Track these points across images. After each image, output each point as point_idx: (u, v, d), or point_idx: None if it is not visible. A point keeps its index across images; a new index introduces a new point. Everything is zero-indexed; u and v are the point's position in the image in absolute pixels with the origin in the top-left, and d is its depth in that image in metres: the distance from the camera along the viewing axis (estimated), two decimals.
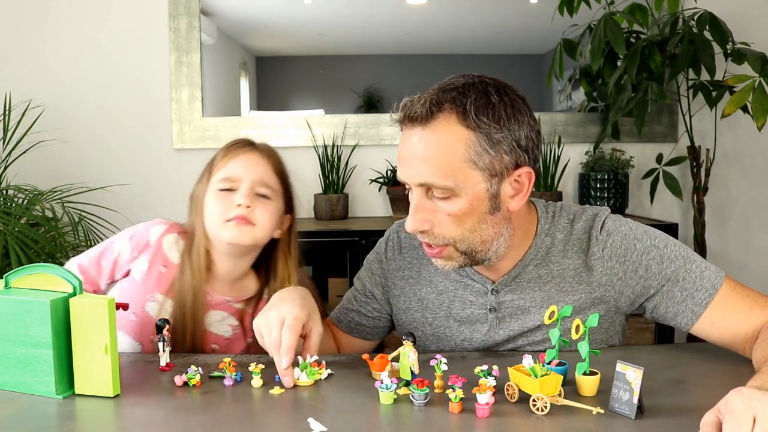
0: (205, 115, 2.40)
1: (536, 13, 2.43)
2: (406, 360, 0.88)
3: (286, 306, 0.96)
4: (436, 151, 0.93)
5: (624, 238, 1.03)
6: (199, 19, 2.37)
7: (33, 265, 0.90)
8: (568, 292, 1.04)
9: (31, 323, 0.86)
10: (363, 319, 1.20)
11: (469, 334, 1.08)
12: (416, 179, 0.95)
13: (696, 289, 1.00)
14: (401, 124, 0.98)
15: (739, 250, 2.48)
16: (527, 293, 1.05)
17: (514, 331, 1.06)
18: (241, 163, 1.17)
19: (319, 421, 0.76)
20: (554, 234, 1.06)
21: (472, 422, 0.78)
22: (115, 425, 0.81)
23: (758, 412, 0.64)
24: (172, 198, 2.40)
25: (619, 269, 1.03)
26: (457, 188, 0.94)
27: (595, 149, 2.32)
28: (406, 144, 0.97)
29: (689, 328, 1.02)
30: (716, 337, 1.01)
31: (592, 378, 0.85)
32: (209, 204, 1.15)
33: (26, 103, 2.25)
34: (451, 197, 0.95)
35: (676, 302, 1.01)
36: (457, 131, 0.93)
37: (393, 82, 2.47)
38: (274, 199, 1.17)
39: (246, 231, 1.12)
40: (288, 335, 0.92)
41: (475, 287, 1.08)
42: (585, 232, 1.05)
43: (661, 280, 1.02)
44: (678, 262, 1.02)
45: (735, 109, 1.91)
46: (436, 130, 0.94)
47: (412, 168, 0.95)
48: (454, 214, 0.95)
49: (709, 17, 2.03)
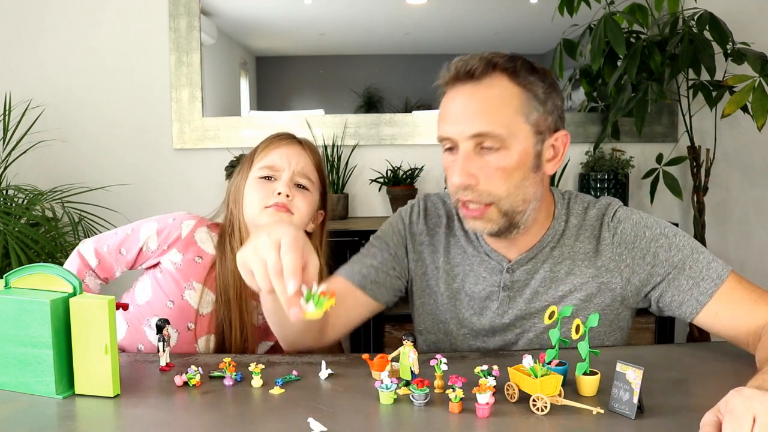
0: (205, 115, 2.40)
1: (536, 13, 2.43)
2: (406, 360, 0.88)
3: (278, 229, 0.81)
4: (491, 103, 0.98)
5: (634, 225, 1.07)
6: (200, 19, 2.37)
7: (33, 265, 0.90)
8: (576, 275, 1.07)
9: (31, 323, 0.86)
10: (382, 275, 1.13)
11: (478, 309, 1.10)
12: (469, 130, 0.98)
13: (702, 278, 1.01)
14: (448, 84, 1.02)
15: (739, 250, 2.48)
16: (539, 274, 1.08)
17: (522, 311, 1.08)
18: (282, 153, 1.19)
19: (319, 421, 0.76)
20: (569, 218, 1.10)
21: (472, 422, 0.78)
22: (115, 425, 0.81)
23: (758, 412, 0.65)
24: (172, 198, 2.41)
25: (628, 255, 1.06)
26: (509, 140, 0.98)
27: (595, 149, 2.32)
28: (455, 100, 1.00)
29: (693, 318, 1.02)
30: (719, 329, 1.01)
31: (592, 378, 0.85)
32: (249, 192, 1.17)
33: (26, 103, 2.25)
34: (501, 149, 0.98)
35: (681, 291, 1.03)
36: (509, 87, 0.99)
37: (393, 82, 2.47)
38: (312, 191, 1.20)
39: (284, 218, 1.14)
40: (290, 255, 0.78)
41: (491, 264, 1.10)
42: (597, 218, 1.09)
43: (668, 267, 1.03)
44: (686, 251, 1.04)
45: (735, 109, 1.91)
46: (489, 85, 0.99)
47: (464, 121, 0.98)
48: (503, 168, 0.98)
49: (709, 17, 2.03)
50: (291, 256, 0.78)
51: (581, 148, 2.40)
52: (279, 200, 1.14)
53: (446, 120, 1.01)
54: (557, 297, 1.07)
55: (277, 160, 1.18)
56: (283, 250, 0.78)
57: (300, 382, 0.92)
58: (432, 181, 2.44)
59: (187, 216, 1.23)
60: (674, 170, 2.34)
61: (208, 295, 1.18)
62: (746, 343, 0.98)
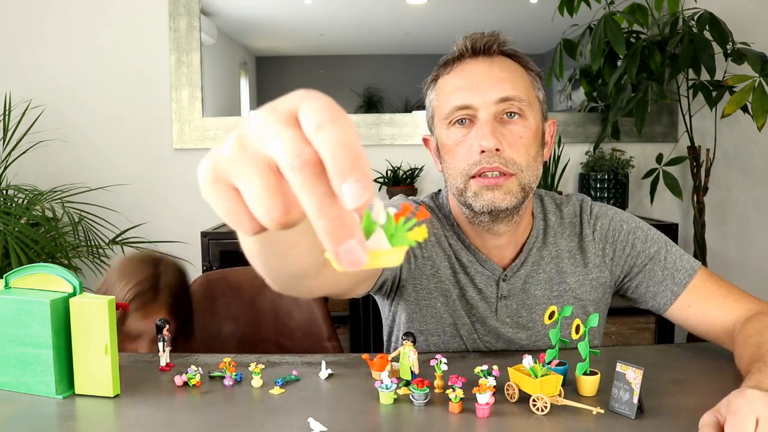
0: (205, 115, 2.40)
1: (536, 13, 2.43)
2: (406, 360, 0.88)
3: (285, 99, 0.38)
4: (511, 72, 1.01)
5: (611, 220, 1.10)
6: (199, 19, 2.37)
7: (33, 265, 0.90)
8: (567, 273, 1.08)
9: (31, 323, 0.86)
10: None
11: (480, 318, 1.08)
12: (496, 94, 0.99)
13: (676, 269, 1.05)
14: (459, 60, 1.03)
15: (739, 250, 2.48)
16: (532, 278, 1.08)
17: (524, 319, 1.08)
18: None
19: (319, 421, 0.76)
20: (547, 216, 1.11)
21: (472, 422, 0.78)
22: (115, 425, 0.81)
23: (761, 415, 0.65)
24: (172, 198, 2.40)
25: (609, 249, 1.09)
26: (528, 110, 1.00)
27: (595, 149, 2.32)
28: (473, 71, 1.01)
29: (667, 309, 1.05)
30: (692, 322, 1.03)
31: (592, 378, 0.85)
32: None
33: (26, 103, 2.25)
34: (522, 118, 1.00)
35: (656, 281, 1.05)
36: (518, 67, 1.03)
37: (393, 82, 2.47)
38: None
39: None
40: (339, 125, 0.33)
41: (485, 274, 1.08)
42: (576, 215, 1.11)
43: (644, 258, 1.07)
44: (660, 243, 1.08)
45: (735, 109, 1.91)
46: (503, 61, 1.02)
47: (488, 86, 0.99)
48: (523, 137, 0.99)
49: (709, 17, 2.03)
50: (341, 125, 0.33)
51: (581, 148, 2.40)
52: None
53: (464, 89, 1.00)
54: (553, 298, 1.07)
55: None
56: (317, 119, 0.33)
57: (300, 382, 0.92)
58: (432, 182, 2.44)
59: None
60: (674, 170, 2.34)
61: None
62: (721, 339, 1.00)
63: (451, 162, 1.02)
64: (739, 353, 0.90)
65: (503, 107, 0.99)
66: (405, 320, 1.11)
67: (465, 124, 1.00)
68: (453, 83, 1.02)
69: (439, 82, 1.05)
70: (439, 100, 1.05)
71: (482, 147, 0.97)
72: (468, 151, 0.99)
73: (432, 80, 1.08)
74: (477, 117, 0.99)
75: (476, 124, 0.99)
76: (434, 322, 1.10)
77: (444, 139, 1.03)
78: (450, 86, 1.02)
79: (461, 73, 1.02)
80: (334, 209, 0.32)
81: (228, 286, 1.51)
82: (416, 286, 1.09)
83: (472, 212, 1.03)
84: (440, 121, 1.04)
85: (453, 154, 1.02)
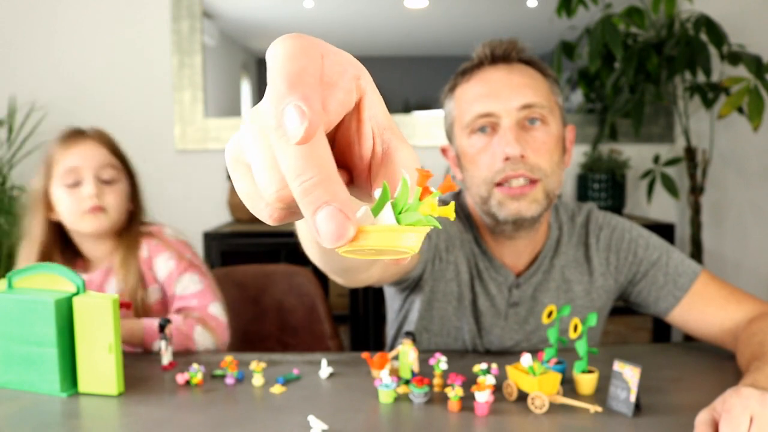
0: (207, 116, 2.41)
1: (534, 15, 2.45)
2: (405, 359, 0.89)
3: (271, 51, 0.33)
4: (531, 78, 1.01)
5: (614, 230, 1.10)
6: (201, 22, 2.38)
7: (36, 265, 0.91)
8: (574, 282, 1.09)
9: (36, 322, 0.87)
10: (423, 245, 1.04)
11: (489, 325, 1.07)
12: (518, 101, 0.98)
13: (678, 274, 1.05)
14: (478, 67, 1.03)
15: (736, 251, 2.49)
16: (543, 286, 1.09)
17: (530, 326, 1.08)
18: (79, 153, 1.21)
19: (320, 419, 0.77)
20: (561, 226, 1.11)
21: (471, 420, 0.78)
22: (118, 423, 0.82)
23: (756, 413, 0.65)
24: (174, 198, 2.41)
25: (613, 258, 1.09)
26: (549, 116, 1.00)
27: (593, 150, 2.34)
28: (493, 78, 1.01)
29: (669, 313, 1.06)
30: (693, 325, 1.04)
31: (590, 376, 0.86)
32: (61, 201, 1.18)
33: (30, 105, 2.26)
34: (544, 123, 1.00)
35: (658, 287, 1.06)
36: (537, 74, 1.03)
37: (393, 84, 2.48)
38: (120, 178, 1.23)
39: (101, 218, 1.18)
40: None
41: (499, 280, 1.08)
42: (583, 226, 1.12)
43: (647, 265, 1.08)
44: (661, 249, 1.09)
45: (731, 110, 1.92)
46: (522, 68, 1.02)
47: (509, 93, 0.99)
48: (547, 142, 0.99)
49: (705, 20, 2.04)
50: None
51: (579, 149, 2.41)
52: (91, 204, 1.16)
53: (485, 96, 0.99)
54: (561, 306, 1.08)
55: (76, 161, 1.19)
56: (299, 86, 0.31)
57: (301, 380, 0.93)
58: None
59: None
60: (671, 171, 2.35)
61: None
62: (721, 340, 1.01)
63: (474, 170, 1.01)
64: (741, 351, 0.91)
65: (525, 114, 0.98)
66: (417, 318, 1.10)
67: (487, 132, 1.00)
68: (473, 91, 1.01)
69: (458, 91, 1.04)
70: (459, 108, 1.03)
71: (507, 154, 0.96)
72: (491, 158, 0.98)
73: (449, 89, 1.06)
74: (499, 124, 0.98)
75: (498, 131, 0.98)
76: (441, 323, 1.09)
77: (466, 148, 1.02)
78: (470, 94, 1.01)
79: (481, 80, 1.01)
80: (311, 170, 0.28)
81: (232, 283, 1.53)
82: (433, 288, 1.08)
83: (495, 221, 1.02)
84: (461, 130, 1.02)
85: (475, 162, 1.00)
